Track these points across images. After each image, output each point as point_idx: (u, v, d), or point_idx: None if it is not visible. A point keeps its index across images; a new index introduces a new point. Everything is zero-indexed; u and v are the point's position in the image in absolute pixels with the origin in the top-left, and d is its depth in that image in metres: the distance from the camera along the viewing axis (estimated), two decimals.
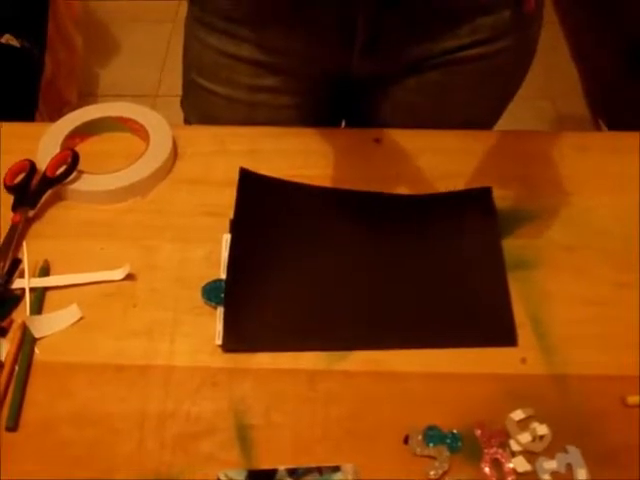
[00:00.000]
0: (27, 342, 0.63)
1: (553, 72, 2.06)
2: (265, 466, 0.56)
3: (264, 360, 0.62)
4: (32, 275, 0.67)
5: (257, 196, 0.74)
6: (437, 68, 0.80)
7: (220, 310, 0.65)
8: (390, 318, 0.65)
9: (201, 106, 0.89)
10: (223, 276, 0.67)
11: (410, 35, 0.76)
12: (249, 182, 0.75)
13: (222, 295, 0.66)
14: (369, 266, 0.69)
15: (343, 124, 0.95)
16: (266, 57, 0.80)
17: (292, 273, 0.68)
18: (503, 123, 0.90)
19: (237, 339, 0.63)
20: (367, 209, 0.73)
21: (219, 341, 0.63)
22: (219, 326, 0.64)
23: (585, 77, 2.10)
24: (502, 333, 0.64)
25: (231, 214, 0.72)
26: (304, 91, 0.84)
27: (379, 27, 0.75)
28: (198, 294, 0.66)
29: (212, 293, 0.66)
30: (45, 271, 0.68)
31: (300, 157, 0.78)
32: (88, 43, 1.99)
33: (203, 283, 0.67)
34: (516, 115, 0.94)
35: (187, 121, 0.92)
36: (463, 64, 0.79)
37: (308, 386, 0.61)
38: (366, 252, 0.70)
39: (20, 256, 0.69)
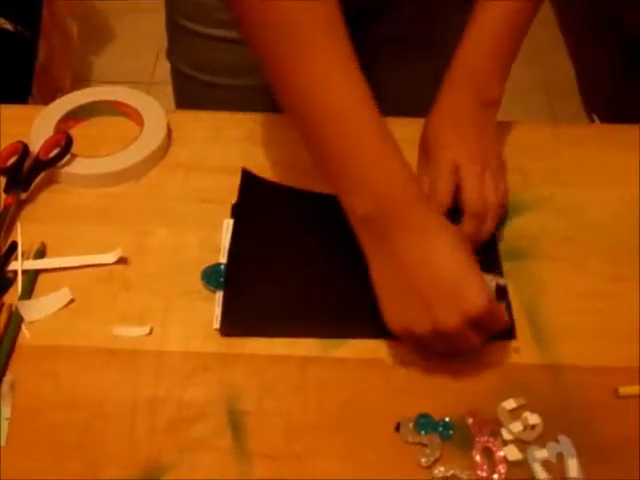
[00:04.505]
0: (13, 326, 0.62)
1: (550, 69, 2.06)
2: (257, 452, 0.56)
3: (257, 346, 0.62)
4: (27, 258, 0.67)
5: (260, 191, 0.73)
6: None
7: (219, 294, 0.65)
8: None
9: (193, 52, 0.87)
10: (222, 260, 0.67)
11: None
12: (251, 183, 0.74)
13: (222, 279, 0.65)
14: None
15: None
16: None
17: (292, 261, 0.68)
18: (498, 118, 0.89)
19: (235, 323, 0.63)
20: None
21: (217, 325, 0.63)
22: (217, 310, 0.64)
23: (582, 75, 2.10)
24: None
25: (226, 200, 0.72)
26: None
27: None
28: (191, 279, 0.66)
29: (212, 277, 0.65)
30: (41, 254, 0.67)
31: (297, 145, 0.77)
32: (83, 30, 1.98)
33: (197, 268, 0.66)
34: (511, 111, 0.93)
35: (176, 71, 0.90)
36: None
37: (301, 373, 0.60)
38: None
39: (14, 239, 0.68)
